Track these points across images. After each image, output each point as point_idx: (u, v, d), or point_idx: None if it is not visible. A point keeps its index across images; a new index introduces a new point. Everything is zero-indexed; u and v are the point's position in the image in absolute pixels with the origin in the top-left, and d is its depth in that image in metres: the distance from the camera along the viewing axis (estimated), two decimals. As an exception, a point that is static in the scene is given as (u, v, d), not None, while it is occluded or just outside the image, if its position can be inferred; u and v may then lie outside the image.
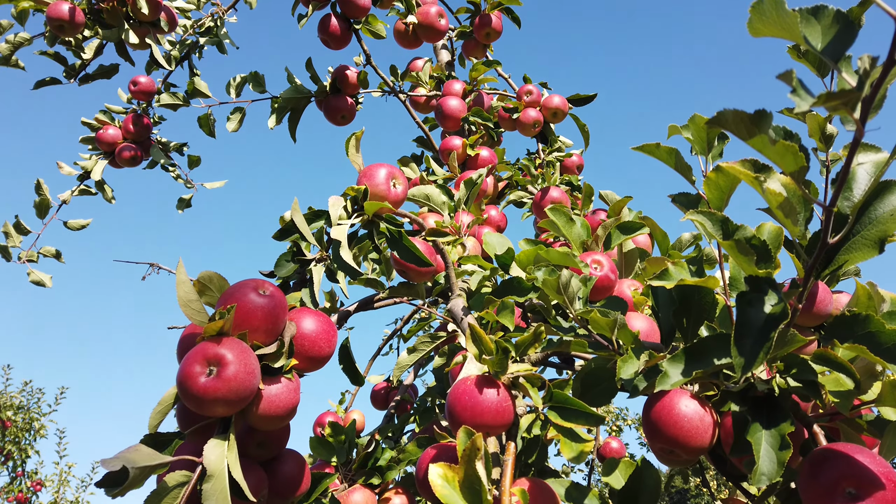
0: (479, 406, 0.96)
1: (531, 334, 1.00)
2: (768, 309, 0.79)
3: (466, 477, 0.81)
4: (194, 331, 1.09)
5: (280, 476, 1.24)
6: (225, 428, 1.04)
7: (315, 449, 1.71)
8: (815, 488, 0.83)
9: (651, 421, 1.07)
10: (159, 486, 0.94)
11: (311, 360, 1.14)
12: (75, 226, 2.84)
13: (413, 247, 1.26)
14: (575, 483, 1.11)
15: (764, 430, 0.88)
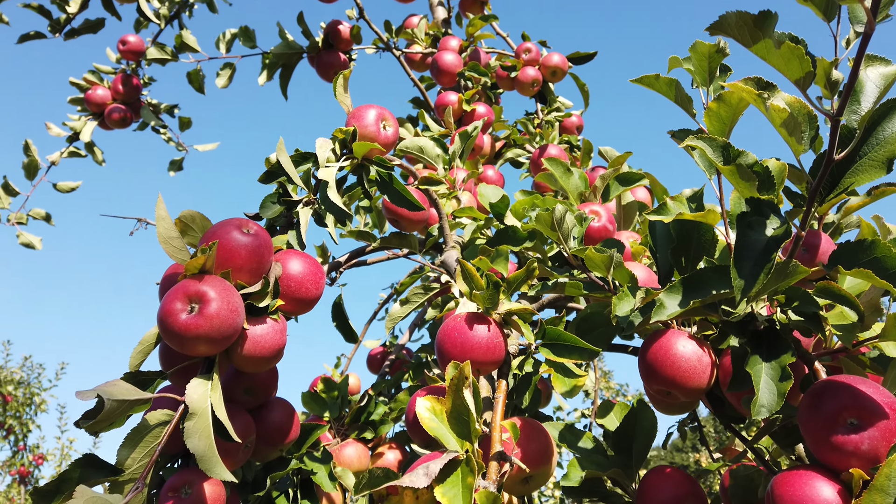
0: (468, 342, 0.93)
1: (524, 270, 0.96)
2: (770, 232, 0.76)
3: (454, 407, 0.78)
4: (176, 270, 1.06)
5: (268, 423, 1.21)
6: (209, 368, 1.01)
7: (307, 404, 1.69)
8: (815, 420, 0.80)
9: (648, 362, 1.04)
10: (139, 425, 0.91)
11: (298, 301, 1.11)
12: (65, 188, 2.79)
13: (404, 190, 1.22)
14: (569, 425, 1.08)
15: (764, 363, 0.85)
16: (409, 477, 0.70)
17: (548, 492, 6.45)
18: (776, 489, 0.81)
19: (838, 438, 0.78)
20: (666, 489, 0.96)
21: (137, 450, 0.90)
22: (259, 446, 1.21)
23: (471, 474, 0.71)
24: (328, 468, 1.46)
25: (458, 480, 0.71)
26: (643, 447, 1.01)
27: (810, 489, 0.78)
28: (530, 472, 0.93)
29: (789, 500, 0.79)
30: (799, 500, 0.78)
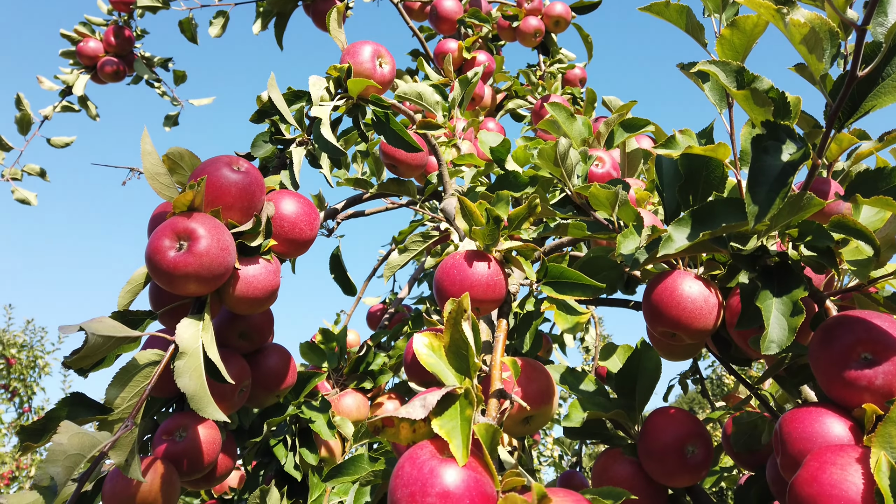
0: (468, 279, 0.89)
1: (525, 207, 0.92)
2: (786, 157, 0.72)
3: (452, 342, 0.75)
4: (165, 209, 1.02)
5: (264, 368, 1.19)
6: (200, 308, 0.98)
7: (306, 355, 1.67)
8: (827, 355, 0.77)
9: (652, 303, 1.01)
10: (128, 364, 0.88)
11: (291, 242, 1.07)
12: (59, 143, 2.74)
13: (402, 131, 1.18)
14: (570, 368, 1.06)
15: (774, 298, 0.81)
16: (405, 409, 0.68)
17: (547, 451, 6.52)
18: (784, 427, 0.79)
19: (851, 373, 0.75)
20: (670, 429, 0.94)
21: (127, 389, 0.88)
22: (255, 392, 1.19)
23: (469, 407, 0.68)
24: (326, 417, 1.44)
25: (457, 413, 0.68)
26: (646, 389, 0.99)
27: (821, 425, 0.76)
28: (531, 411, 0.90)
29: (798, 438, 0.77)
30: (809, 436, 0.76)
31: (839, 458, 0.68)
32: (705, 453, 0.95)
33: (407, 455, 0.66)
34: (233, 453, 1.16)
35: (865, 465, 0.67)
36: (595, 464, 1.00)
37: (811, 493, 0.67)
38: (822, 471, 0.68)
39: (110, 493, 0.95)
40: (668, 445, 0.93)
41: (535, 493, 0.54)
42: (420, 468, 0.64)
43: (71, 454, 0.71)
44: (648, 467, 0.95)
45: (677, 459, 0.93)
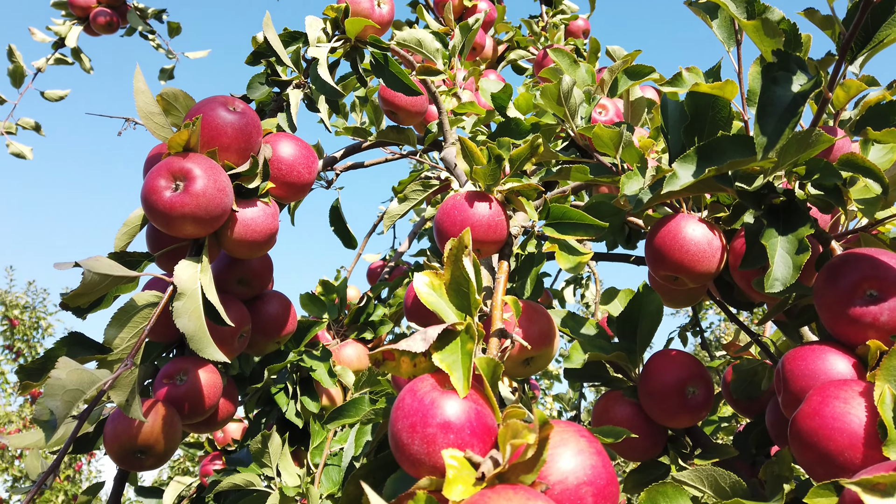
0: (469, 220, 0.88)
1: (527, 147, 0.90)
2: (797, 87, 0.70)
3: (453, 279, 0.74)
4: (160, 150, 1.00)
5: (263, 315, 1.19)
6: (198, 251, 0.97)
7: (306, 306, 1.67)
8: (832, 292, 0.77)
9: (655, 247, 1.00)
10: (127, 304, 0.88)
11: (290, 186, 1.05)
12: (53, 97, 2.70)
13: (401, 73, 1.15)
14: (571, 312, 1.05)
15: (780, 236, 0.80)
16: (405, 342, 0.67)
17: (546, 409, 6.59)
18: (787, 364, 0.79)
19: (856, 310, 0.74)
20: (671, 370, 0.94)
21: (126, 330, 0.87)
22: (255, 338, 1.19)
23: (471, 341, 0.68)
24: (327, 365, 1.45)
25: (458, 347, 0.68)
26: (648, 332, 0.98)
27: (823, 362, 0.75)
28: (531, 352, 0.90)
29: (800, 375, 0.76)
30: (811, 373, 0.75)
31: (842, 391, 0.68)
32: (706, 394, 0.95)
33: (407, 388, 0.66)
34: (234, 398, 1.17)
35: (869, 398, 0.66)
36: (595, 406, 1.00)
37: (813, 427, 0.67)
38: (825, 404, 0.67)
39: (112, 435, 0.95)
40: (669, 386, 0.93)
41: (537, 418, 0.54)
42: (421, 400, 0.63)
43: (70, 389, 0.70)
44: (649, 408, 0.95)
45: (678, 400, 0.93)
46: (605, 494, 0.58)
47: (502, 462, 0.55)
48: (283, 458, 1.31)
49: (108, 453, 0.95)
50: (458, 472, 0.57)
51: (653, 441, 0.97)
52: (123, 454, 0.95)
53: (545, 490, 0.57)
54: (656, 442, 0.97)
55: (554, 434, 0.62)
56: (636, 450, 0.97)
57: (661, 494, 0.85)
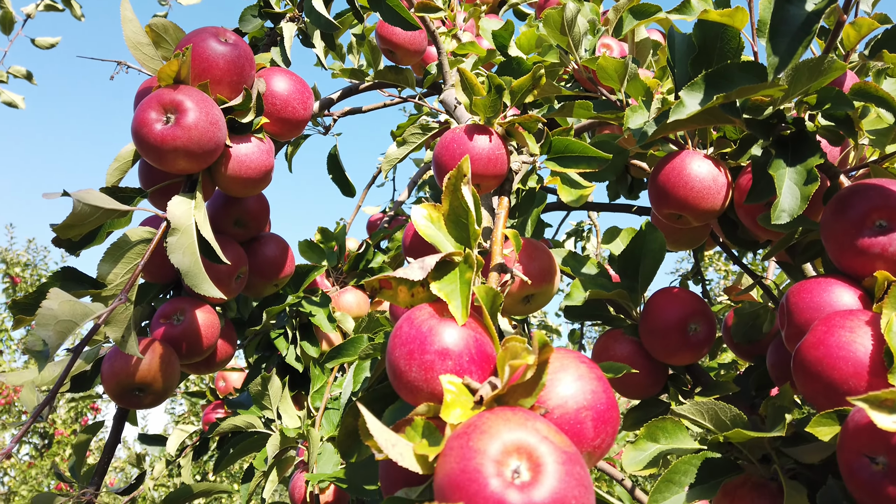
0: (468, 153, 0.86)
1: (529, 77, 0.87)
2: (810, 6, 0.66)
3: (451, 210, 0.72)
4: (150, 84, 0.97)
5: (261, 256, 1.17)
6: (191, 187, 0.95)
7: (305, 253, 1.65)
8: (840, 223, 0.75)
9: (659, 184, 0.98)
10: (120, 240, 0.86)
11: (284, 122, 1.03)
12: (44, 44, 2.63)
13: (399, 6, 1.11)
14: (573, 252, 1.04)
15: (788, 167, 0.78)
16: (403, 270, 0.66)
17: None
18: (791, 297, 0.77)
19: (864, 241, 0.73)
20: (673, 307, 0.93)
21: (119, 266, 0.86)
22: (253, 280, 1.17)
23: (469, 270, 0.66)
24: (327, 311, 1.44)
25: (456, 277, 0.66)
26: (650, 270, 0.97)
27: (829, 294, 0.74)
28: (532, 289, 0.89)
29: (805, 307, 0.75)
30: (816, 305, 0.74)
31: (848, 321, 0.66)
32: (708, 331, 0.94)
33: (405, 316, 0.65)
34: (232, 340, 1.16)
35: (875, 327, 0.65)
36: (595, 344, 1.00)
37: (817, 357, 0.66)
38: (830, 333, 0.66)
39: (109, 373, 0.95)
40: (671, 323, 0.92)
41: (537, 340, 0.52)
42: (418, 327, 0.62)
43: (62, 320, 0.69)
44: (650, 345, 0.95)
45: (679, 337, 0.92)
46: (606, 419, 0.58)
47: (501, 385, 0.54)
48: (284, 400, 1.31)
49: (106, 391, 0.95)
50: (455, 396, 0.56)
51: (653, 379, 0.96)
52: (121, 392, 0.95)
53: (544, 414, 0.57)
54: (656, 380, 0.96)
55: (554, 360, 0.60)
56: (636, 388, 0.97)
57: (661, 430, 0.85)
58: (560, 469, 0.47)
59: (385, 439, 0.52)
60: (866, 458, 0.57)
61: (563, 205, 2.04)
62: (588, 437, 0.57)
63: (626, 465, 0.83)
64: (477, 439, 0.49)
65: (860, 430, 0.58)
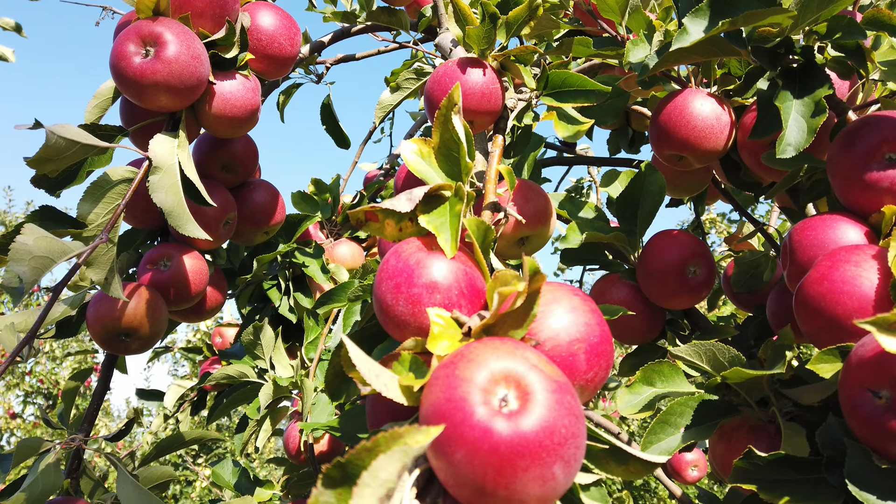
0: (461, 87, 0.82)
1: (525, 7, 0.83)
2: (825, -80, 0.62)
3: (442, 142, 0.69)
4: (129, 17, 0.93)
5: (250, 203, 1.14)
6: (174, 126, 0.91)
7: (298, 205, 1.62)
8: (848, 157, 0.72)
9: (660, 124, 0.94)
10: (100, 179, 0.83)
11: (271, 59, 0.99)
12: (30, -6, 2.55)
13: (390, -60, 1.06)
14: (570, 195, 1.01)
15: (795, 100, 0.74)
16: (389, 201, 0.63)
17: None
18: (794, 235, 0.75)
19: (873, 175, 0.70)
20: (672, 249, 0.90)
21: (100, 206, 0.83)
22: (242, 227, 1.15)
23: (460, 203, 0.63)
24: (320, 262, 1.42)
25: (446, 210, 0.64)
26: (648, 213, 0.94)
27: (834, 231, 0.71)
28: (527, 230, 0.86)
29: (809, 245, 0.73)
30: (821, 243, 0.71)
31: (853, 255, 0.64)
32: (707, 274, 0.91)
33: (392, 250, 0.62)
34: (222, 288, 1.14)
35: (882, 261, 0.62)
36: (592, 289, 0.97)
37: (821, 292, 0.64)
38: (835, 268, 0.64)
39: (94, 317, 0.93)
40: (670, 265, 0.90)
41: (528, 267, 0.50)
42: (406, 260, 0.60)
43: (37, 255, 0.67)
44: (647, 289, 0.92)
45: (678, 279, 0.90)
46: (599, 352, 0.56)
47: (490, 314, 0.52)
48: (277, 351, 1.30)
49: (92, 336, 0.93)
50: (443, 329, 0.54)
51: (650, 323, 0.94)
52: (107, 336, 0.93)
53: (535, 346, 0.54)
54: (654, 324, 0.94)
55: (547, 292, 0.58)
56: (633, 332, 0.95)
57: (657, 373, 0.83)
58: (550, 397, 0.45)
59: (368, 370, 0.50)
60: (869, 392, 0.55)
61: (563, 159, 2.00)
62: (580, 370, 0.55)
63: (620, 408, 0.82)
64: (463, 368, 0.46)
65: (864, 363, 0.56)
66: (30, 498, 0.85)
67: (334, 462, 0.37)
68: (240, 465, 1.34)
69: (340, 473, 0.37)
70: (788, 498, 0.62)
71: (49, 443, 0.91)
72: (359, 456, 0.36)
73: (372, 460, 0.35)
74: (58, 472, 0.90)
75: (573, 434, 0.45)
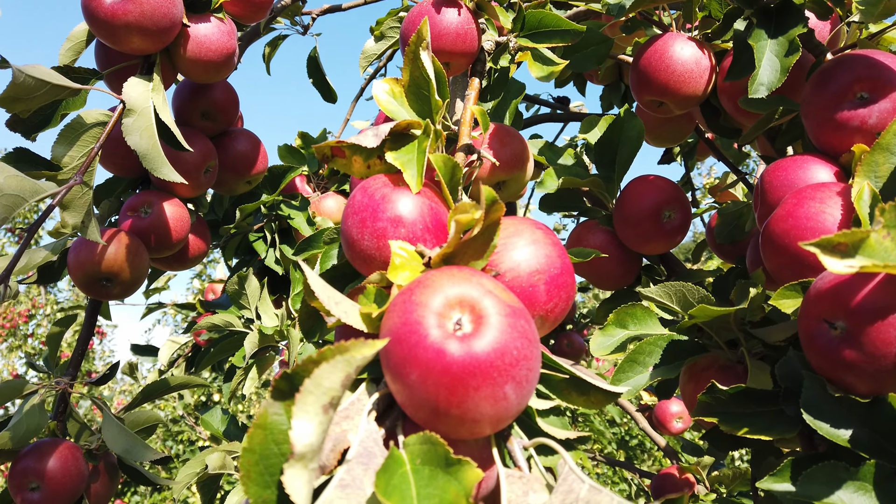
0: (436, 28, 0.81)
1: (502, -53, 0.82)
2: None
3: (412, 80, 0.69)
4: (101, -42, 0.91)
5: (231, 151, 1.14)
6: (149, 69, 0.91)
7: (284, 158, 1.61)
8: (820, 98, 0.71)
9: (640, 69, 0.93)
10: (74, 121, 0.83)
11: (246, 1, 0.97)
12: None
13: None
14: (549, 142, 1.00)
15: (770, 39, 0.74)
16: (356, 137, 0.63)
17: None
18: (766, 176, 0.75)
19: (844, 114, 0.69)
20: (648, 195, 0.90)
21: (75, 148, 0.83)
22: (224, 176, 1.15)
23: (427, 139, 0.63)
24: (306, 214, 1.42)
25: (414, 147, 0.64)
26: (626, 158, 0.94)
27: (804, 171, 0.72)
28: (502, 174, 0.86)
29: (779, 185, 0.73)
30: (790, 182, 0.72)
31: (818, 192, 0.64)
32: (682, 218, 0.92)
33: (359, 186, 0.62)
34: (205, 236, 1.15)
35: (846, 198, 0.63)
36: (569, 236, 0.98)
37: (785, 228, 0.64)
38: (799, 206, 0.64)
39: (75, 262, 0.93)
40: (645, 210, 0.90)
41: (484, 194, 0.50)
42: (371, 195, 0.60)
43: (8, 193, 0.67)
44: (623, 234, 0.93)
45: (653, 224, 0.90)
46: (559, 284, 0.56)
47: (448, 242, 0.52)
48: (262, 301, 1.31)
49: (74, 281, 0.94)
50: (405, 260, 0.54)
51: (626, 268, 0.95)
52: (88, 281, 0.94)
53: (496, 276, 0.55)
54: (629, 269, 0.95)
55: (509, 226, 0.59)
56: (609, 277, 0.96)
57: (630, 316, 0.84)
58: (503, 321, 0.46)
59: (328, 297, 0.50)
60: (825, 323, 0.56)
61: (556, 116, 1.98)
62: (540, 300, 0.55)
63: (593, 349, 0.83)
64: (420, 293, 0.47)
65: (821, 295, 0.56)
66: (14, 436, 0.87)
67: (281, 373, 0.38)
68: (228, 412, 1.37)
69: (288, 385, 0.38)
70: (747, 429, 0.63)
71: (34, 385, 0.93)
72: (304, 366, 0.37)
73: (315, 369, 0.36)
74: (42, 414, 0.92)
75: (525, 357, 0.46)
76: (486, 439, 0.51)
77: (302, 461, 0.35)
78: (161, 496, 5.22)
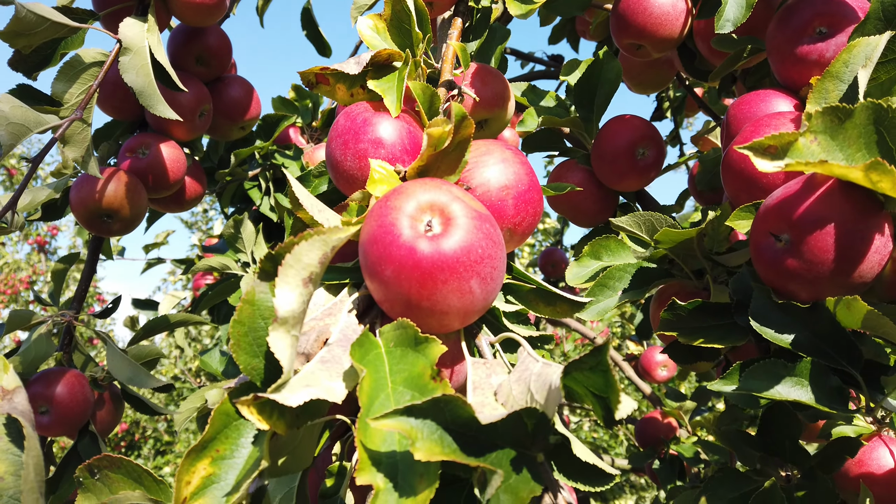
0: (419, -32, 0.84)
1: None
2: None
3: (394, 14, 0.73)
4: None
5: (225, 97, 1.18)
6: (143, 11, 0.94)
7: (278, 109, 1.64)
8: (782, 34, 0.75)
9: (619, 12, 0.97)
10: (72, 59, 0.86)
11: (239, -54, 1.00)
12: None
13: None
14: (532, 84, 1.04)
15: (737, -23, 0.77)
16: (339, 64, 0.67)
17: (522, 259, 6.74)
18: (731, 110, 0.79)
19: (803, 48, 0.73)
20: (623, 133, 0.94)
21: (75, 86, 0.87)
22: (218, 121, 1.18)
23: (406, 68, 0.67)
24: (300, 163, 1.46)
25: (394, 76, 0.68)
26: (604, 99, 0.97)
27: (766, 104, 0.76)
28: (484, 113, 0.90)
29: (742, 118, 0.77)
30: (752, 115, 0.76)
31: (774, 120, 0.68)
32: (656, 155, 0.96)
33: (343, 111, 0.66)
34: (201, 179, 1.19)
35: (799, 124, 0.67)
36: (550, 175, 1.02)
37: (741, 155, 0.68)
38: (755, 132, 0.68)
39: (76, 199, 0.98)
40: (620, 148, 0.94)
41: (454, 111, 0.54)
42: (353, 119, 0.64)
43: (14, 122, 0.71)
44: (600, 171, 0.97)
45: (627, 160, 0.95)
46: (527, 200, 0.61)
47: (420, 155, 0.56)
48: (258, 245, 1.36)
49: (76, 217, 0.99)
50: (383, 176, 0.59)
51: (603, 205, 0.99)
52: (90, 217, 0.98)
53: (467, 190, 0.60)
54: (606, 206, 1.00)
55: (481, 146, 0.63)
56: (586, 214, 1.00)
57: (604, 248, 0.89)
58: (469, 223, 0.50)
59: (311, 205, 0.55)
60: (772, 236, 0.60)
61: (552, 74, 2.01)
62: (508, 214, 0.60)
63: (569, 279, 0.88)
64: (394, 199, 0.52)
65: (768, 211, 0.61)
66: (24, 361, 0.92)
67: (266, 255, 0.43)
68: (227, 353, 1.42)
69: (272, 265, 0.43)
70: (702, 339, 0.69)
71: (41, 316, 0.98)
72: (285, 246, 0.42)
73: (295, 247, 0.41)
74: (49, 343, 0.97)
75: (489, 256, 0.51)
76: (458, 337, 0.56)
77: (285, 325, 0.40)
78: (165, 459, 5.34)
